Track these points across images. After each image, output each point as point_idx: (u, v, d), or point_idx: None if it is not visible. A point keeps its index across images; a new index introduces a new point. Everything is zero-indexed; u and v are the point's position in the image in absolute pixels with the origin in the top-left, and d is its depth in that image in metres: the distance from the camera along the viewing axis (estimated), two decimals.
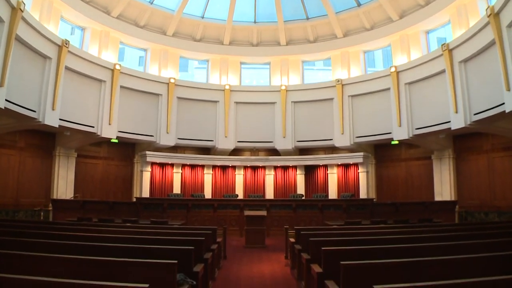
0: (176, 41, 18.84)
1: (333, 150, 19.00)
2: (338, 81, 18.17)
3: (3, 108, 10.84)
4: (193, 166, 19.25)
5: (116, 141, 17.04)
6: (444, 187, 15.78)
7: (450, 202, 14.56)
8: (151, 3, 17.88)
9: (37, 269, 4.35)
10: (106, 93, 16.08)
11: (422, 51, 16.35)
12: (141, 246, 5.98)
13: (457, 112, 13.45)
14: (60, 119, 13.74)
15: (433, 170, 16.37)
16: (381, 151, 18.57)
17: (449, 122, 13.95)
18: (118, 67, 16.32)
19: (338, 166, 18.89)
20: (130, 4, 17.11)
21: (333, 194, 18.38)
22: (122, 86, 16.69)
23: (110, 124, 16.06)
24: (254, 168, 19.71)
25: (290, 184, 19.53)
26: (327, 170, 19.02)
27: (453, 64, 13.74)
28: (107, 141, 17.03)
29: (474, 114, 12.88)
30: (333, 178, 18.85)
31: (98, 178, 17.39)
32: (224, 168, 19.63)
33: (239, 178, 19.51)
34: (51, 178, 15.53)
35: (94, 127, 15.56)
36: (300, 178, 19.37)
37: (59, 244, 5.79)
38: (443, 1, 14.87)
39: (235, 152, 19.63)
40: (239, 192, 18.97)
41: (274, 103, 19.24)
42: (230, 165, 19.44)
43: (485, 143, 14.78)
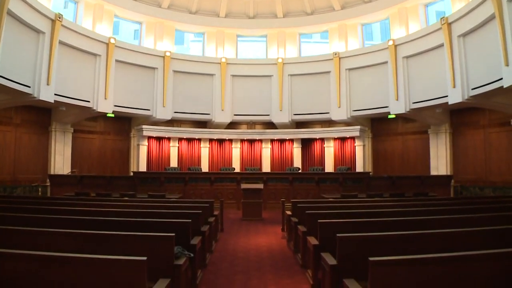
0: (171, 13, 18.57)
1: (329, 123, 19.00)
2: (335, 54, 18.03)
3: None
4: (189, 140, 19.25)
5: (112, 115, 16.97)
6: (440, 162, 15.86)
7: (446, 177, 14.66)
8: None
9: (36, 243, 4.38)
10: (101, 67, 15.91)
11: (420, 25, 16.19)
12: (138, 219, 6.02)
13: (454, 86, 13.39)
14: (55, 94, 13.61)
15: (429, 144, 16.42)
16: (377, 125, 18.58)
17: (446, 96, 13.90)
18: (113, 41, 16.11)
19: (334, 139, 18.92)
20: None
21: (329, 167, 18.46)
22: (117, 60, 16.51)
23: (106, 98, 15.96)
24: (251, 141, 19.73)
25: (287, 157, 19.59)
26: (324, 144, 19.06)
27: (451, 38, 13.60)
28: (103, 115, 16.97)
29: (472, 89, 12.84)
30: (329, 151, 18.91)
31: (95, 153, 17.38)
32: (220, 141, 19.64)
33: (236, 152, 19.55)
34: (48, 154, 15.53)
35: (90, 102, 15.45)
36: (296, 152, 19.42)
37: (58, 219, 5.82)
38: None
39: (232, 125, 19.60)
40: (236, 165, 19.03)
41: (270, 76, 19.12)
42: (227, 138, 19.45)
43: (482, 118, 14.78)
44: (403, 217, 6.30)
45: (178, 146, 18.96)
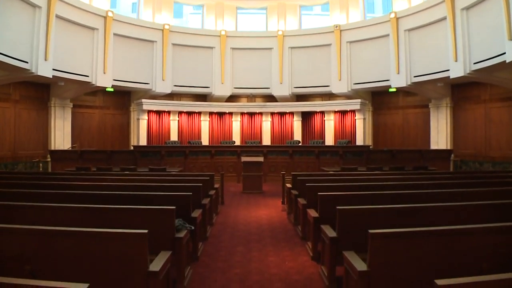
0: None
1: (330, 96, 18.92)
2: (336, 26, 17.82)
3: None
4: (189, 113, 19.20)
5: (111, 90, 16.87)
6: (440, 136, 15.85)
7: (446, 151, 14.67)
8: None
9: (38, 219, 4.42)
10: (100, 41, 15.70)
11: None
12: (140, 193, 6.06)
13: (456, 60, 13.25)
14: (53, 69, 13.43)
15: (430, 118, 16.38)
16: (378, 99, 18.50)
17: (448, 70, 13.77)
18: (110, 14, 15.85)
19: (335, 112, 18.87)
20: None
21: (329, 140, 18.47)
22: (115, 34, 16.29)
23: (104, 73, 15.82)
24: (251, 114, 19.69)
25: (287, 130, 19.58)
26: (324, 117, 19.02)
27: (454, 11, 13.35)
28: (103, 90, 16.88)
29: (474, 63, 12.70)
30: (330, 124, 18.88)
31: (95, 128, 17.36)
32: (221, 114, 19.60)
33: (236, 125, 19.53)
34: (48, 130, 15.52)
35: (88, 77, 15.31)
36: (297, 125, 19.40)
37: (59, 193, 5.85)
38: None
39: (232, 98, 19.52)
40: (236, 138, 19.04)
41: (271, 49, 18.94)
42: (227, 111, 19.39)
43: (483, 93, 14.69)
44: (403, 190, 6.33)
45: (178, 120, 18.92)
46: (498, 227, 3.74)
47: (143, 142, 17.84)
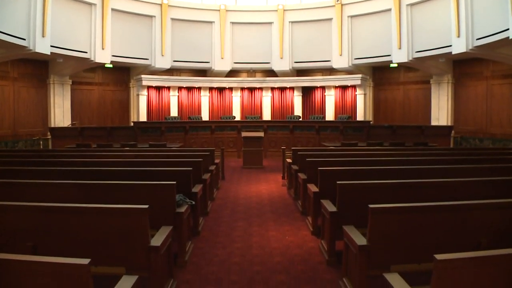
0: None
1: (331, 71, 18.78)
2: (338, 1, 17.56)
3: None
4: (189, 89, 19.10)
5: (110, 66, 16.74)
6: (441, 112, 15.78)
7: (446, 127, 14.62)
8: None
9: (39, 196, 4.43)
10: (98, 17, 15.45)
11: None
12: (140, 169, 6.08)
13: (459, 36, 13.06)
14: (51, 46, 13.23)
15: (431, 94, 16.26)
16: (379, 74, 18.37)
17: (450, 46, 13.57)
18: None
19: (335, 88, 18.76)
20: None
21: (330, 116, 18.41)
22: (113, 9, 16.02)
23: (103, 48, 15.65)
24: (251, 89, 19.59)
25: (287, 105, 19.51)
26: (325, 92, 18.92)
27: None
28: (102, 66, 16.73)
29: (477, 39, 12.48)
30: (330, 100, 18.80)
31: (94, 104, 17.28)
32: (221, 90, 19.50)
33: (236, 100, 19.44)
34: (47, 107, 15.42)
35: (87, 53, 15.14)
36: (297, 100, 19.32)
37: (60, 170, 5.88)
38: None
39: (232, 73, 19.39)
40: (236, 113, 18.98)
41: (271, 24, 18.71)
42: (227, 86, 19.29)
43: (485, 70, 14.53)
44: (403, 166, 6.35)
45: (178, 95, 18.84)
46: (497, 203, 3.76)
47: (143, 118, 17.79)
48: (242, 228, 6.27)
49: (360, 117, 17.82)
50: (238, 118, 18.19)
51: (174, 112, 18.48)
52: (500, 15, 11.11)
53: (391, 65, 16.75)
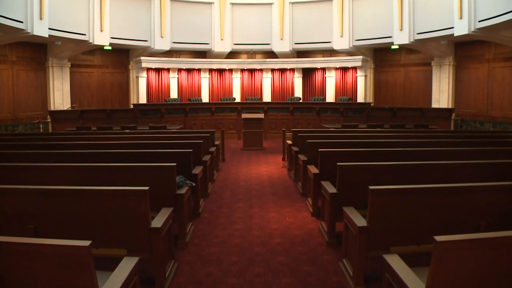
0: None
1: (331, 53, 18.65)
2: None
3: None
4: (189, 70, 19.00)
5: (109, 48, 16.57)
6: (442, 95, 15.70)
7: (447, 110, 14.55)
8: None
9: (40, 179, 4.44)
10: None
11: None
12: (141, 151, 6.09)
13: (461, 18, 12.88)
14: (49, 29, 13.09)
15: (432, 77, 16.15)
16: (380, 56, 18.24)
17: (452, 28, 13.41)
18: None
19: (336, 69, 18.66)
20: None
21: (330, 97, 18.34)
22: None
23: (102, 30, 15.46)
24: (251, 71, 19.48)
25: (288, 87, 19.43)
26: (325, 73, 18.82)
27: None
28: (100, 48, 16.53)
29: (479, 21, 12.30)
30: (331, 81, 18.71)
31: (94, 87, 17.18)
32: (220, 71, 19.40)
33: (236, 81, 19.36)
34: (47, 90, 15.33)
35: (85, 35, 14.95)
36: (297, 81, 19.23)
37: (61, 153, 5.88)
38: None
39: (232, 55, 19.26)
40: (236, 95, 18.91)
41: (271, 4, 18.51)
42: (227, 68, 19.18)
43: (487, 52, 14.40)
44: (403, 148, 6.35)
45: (178, 77, 18.75)
46: (496, 186, 3.77)
47: (143, 100, 17.72)
48: (243, 209, 6.29)
49: (360, 99, 17.75)
50: (238, 99, 18.11)
51: (174, 94, 18.41)
52: None
53: (392, 46, 16.58)
